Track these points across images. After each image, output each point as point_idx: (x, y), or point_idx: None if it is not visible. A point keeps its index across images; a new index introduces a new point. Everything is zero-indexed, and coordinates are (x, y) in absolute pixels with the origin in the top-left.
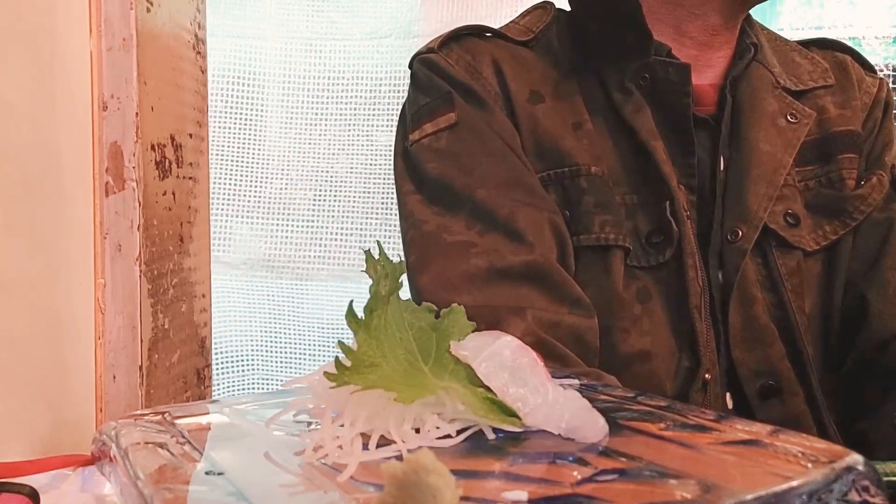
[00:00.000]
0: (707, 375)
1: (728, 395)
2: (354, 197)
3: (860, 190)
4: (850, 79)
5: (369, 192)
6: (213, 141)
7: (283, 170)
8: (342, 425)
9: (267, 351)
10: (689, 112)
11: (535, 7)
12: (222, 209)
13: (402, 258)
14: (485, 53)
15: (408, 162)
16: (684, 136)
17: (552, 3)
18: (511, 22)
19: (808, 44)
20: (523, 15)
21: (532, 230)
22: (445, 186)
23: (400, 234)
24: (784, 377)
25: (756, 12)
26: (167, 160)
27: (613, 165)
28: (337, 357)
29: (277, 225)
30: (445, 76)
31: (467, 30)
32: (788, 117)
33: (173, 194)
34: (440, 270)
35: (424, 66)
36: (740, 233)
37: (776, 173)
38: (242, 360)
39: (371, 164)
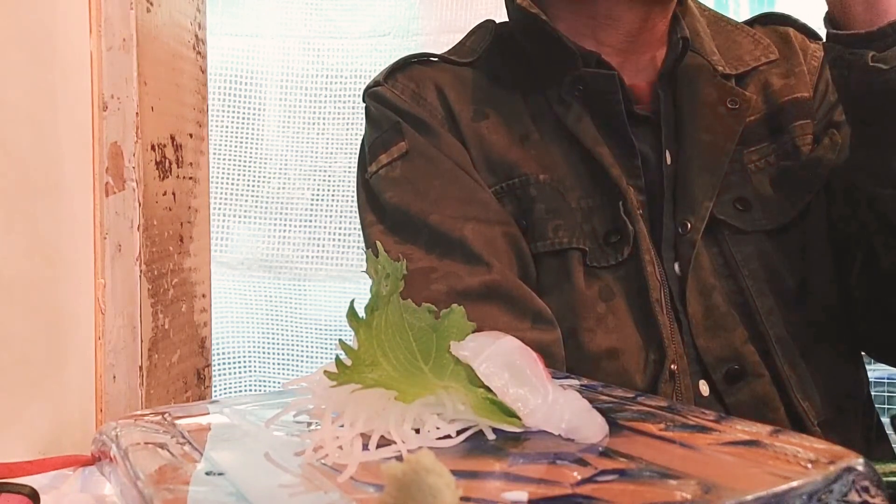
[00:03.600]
0: (673, 366)
1: (702, 382)
2: (353, 196)
3: (815, 153)
4: (793, 48)
5: None
6: (210, 140)
7: (280, 169)
8: (342, 426)
9: (265, 351)
10: (623, 117)
11: (479, 27)
12: (219, 209)
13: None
14: (427, 79)
15: (368, 193)
16: (624, 139)
17: (493, 21)
18: (458, 43)
19: (752, 22)
20: (469, 35)
21: (488, 249)
22: (403, 214)
23: None
24: (748, 360)
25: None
26: (167, 160)
27: (564, 172)
28: (338, 356)
29: (275, 225)
30: (392, 107)
31: (414, 57)
32: (729, 104)
33: (173, 194)
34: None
35: (373, 99)
36: (689, 225)
37: (718, 162)
38: (241, 361)
39: None
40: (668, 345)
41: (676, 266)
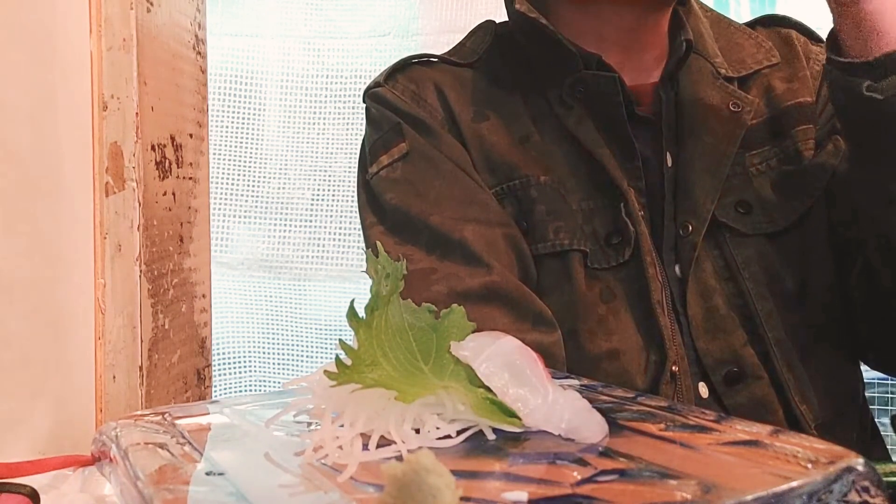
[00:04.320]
0: (674, 368)
1: (702, 384)
2: (353, 197)
3: (818, 158)
4: (796, 51)
5: None
6: (210, 140)
7: (281, 169)
8: (342, 425)
9: (265, 351)
10: (623, 119)
11: (479, 27)
12: (219, 209)
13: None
14: (427, 80)
15: (369, 194)
16: (625, 141)
17: (493, 22)
18: (458, 44)
19: (754, 24)
20: (469, 35)
21: (488, 250)
22: (404, 215)
23: None
24: (747, 363)
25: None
26: (167, 160)
27: (565, 174)
28: (338, 356)
29: (275, 225)
30: (393, 108)
31: (414, 58)
32: (731, 106)
33: (173, 194)
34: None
35: (373, 100)
36: (690, 227)
37: (720, 165)
38: (241, 361)
39: None
40: (669, 346)
41: (677, 268)
